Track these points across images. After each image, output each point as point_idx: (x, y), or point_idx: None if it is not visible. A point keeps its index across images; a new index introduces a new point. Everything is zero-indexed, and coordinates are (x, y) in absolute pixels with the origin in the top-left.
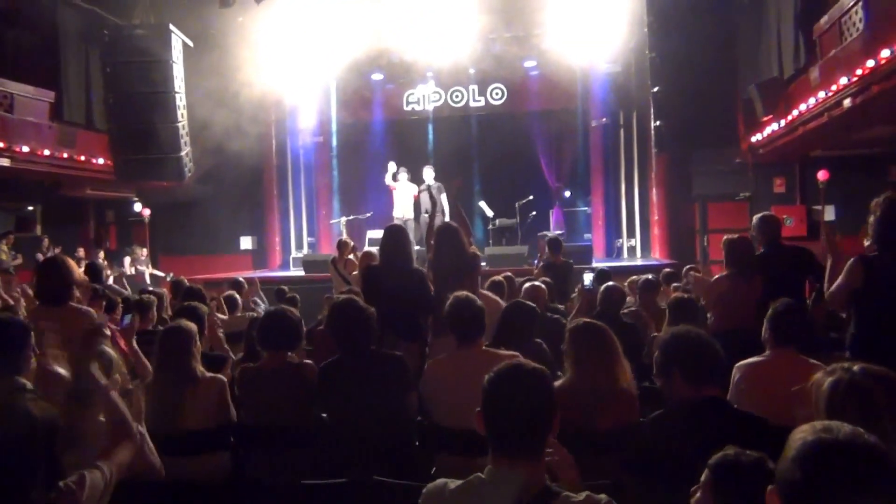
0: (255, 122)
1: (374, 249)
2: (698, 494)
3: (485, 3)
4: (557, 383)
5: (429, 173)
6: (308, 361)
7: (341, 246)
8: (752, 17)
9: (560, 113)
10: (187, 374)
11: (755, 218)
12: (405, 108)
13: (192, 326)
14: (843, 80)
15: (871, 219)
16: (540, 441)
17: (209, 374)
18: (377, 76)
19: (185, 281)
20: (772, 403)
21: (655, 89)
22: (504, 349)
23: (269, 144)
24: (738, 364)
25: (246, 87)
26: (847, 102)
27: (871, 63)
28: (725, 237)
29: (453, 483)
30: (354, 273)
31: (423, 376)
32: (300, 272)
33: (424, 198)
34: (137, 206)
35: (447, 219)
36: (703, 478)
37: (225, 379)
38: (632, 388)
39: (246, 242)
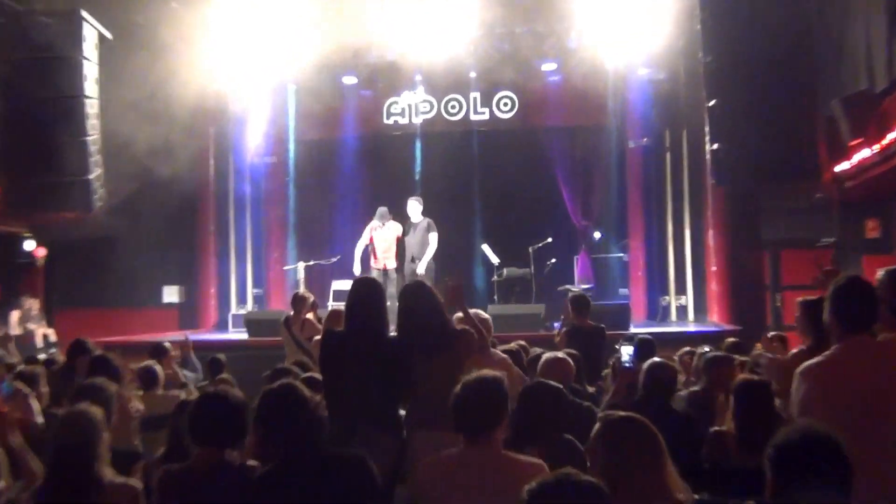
0: (189, 137)
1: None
2: None
3: None
4: None
5: (415, 208)
6: (253, 463)
7: (297, 301)
8: (831, 11)
9: (588, 130)
10: (89, 478)
11: (882, 272)
12: (386, 121)
13: (97, 413)
14: None
15: None
16: None
17: (118, 480)
18: (350, 79)
19: (91, 345)
20: (858, 409)
21: (711, 103)
22: (526, 447)
23: (205, 166)
24: (799, 370)
25: (179, 92)
26: None
27: None
28: (801, 298)
29: None
30: (316, 338)
31: (416, 479)
32: (242, 334)
33: (410, 240)
34: (29, 245)
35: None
36: None
37: (139, 486)
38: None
39: (171, 294)
